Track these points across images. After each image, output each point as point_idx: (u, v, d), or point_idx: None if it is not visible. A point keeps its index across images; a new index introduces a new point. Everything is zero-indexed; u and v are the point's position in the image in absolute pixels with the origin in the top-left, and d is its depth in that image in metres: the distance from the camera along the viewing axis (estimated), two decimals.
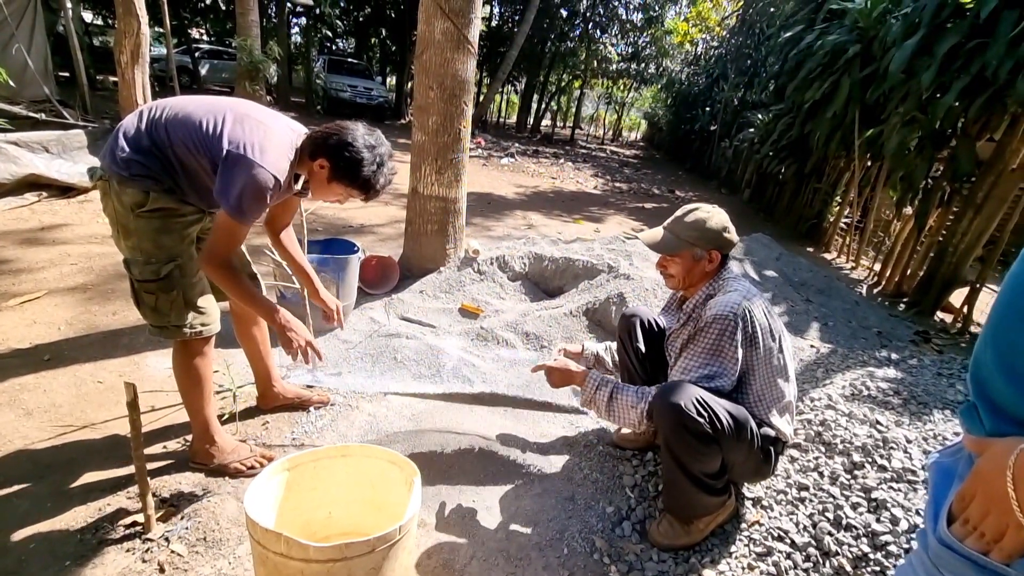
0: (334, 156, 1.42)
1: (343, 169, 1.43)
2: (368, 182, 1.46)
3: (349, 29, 18.05)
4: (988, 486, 0.57)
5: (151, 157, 1.37)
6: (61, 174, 4.15)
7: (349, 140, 1.42)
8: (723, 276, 1.56)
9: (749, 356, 1.45)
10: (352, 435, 1.91)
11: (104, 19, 14.45)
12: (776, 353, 1.48)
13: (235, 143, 1.33)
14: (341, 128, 1.44)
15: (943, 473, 0.69)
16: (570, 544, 1.51)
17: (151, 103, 1.45)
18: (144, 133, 1.37)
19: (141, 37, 4.35)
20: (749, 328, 1.43)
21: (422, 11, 2.85)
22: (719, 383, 1.42)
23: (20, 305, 2.51)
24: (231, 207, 1.33)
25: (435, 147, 3.05)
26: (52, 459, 1.65)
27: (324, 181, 1.47)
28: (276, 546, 1.02)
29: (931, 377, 2.24)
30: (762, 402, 1.48)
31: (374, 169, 1.45)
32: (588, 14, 16.79)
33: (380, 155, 1.47)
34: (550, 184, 8.89)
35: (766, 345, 1.45)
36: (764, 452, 1.47)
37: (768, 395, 1.48)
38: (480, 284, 3.24)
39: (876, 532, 1.41)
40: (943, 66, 3.58)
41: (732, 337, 1.41)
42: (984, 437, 0.61)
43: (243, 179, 1.32)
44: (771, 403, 1.48)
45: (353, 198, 1.52)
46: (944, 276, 3.97)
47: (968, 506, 0.60)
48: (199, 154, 1.37)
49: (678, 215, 1.57)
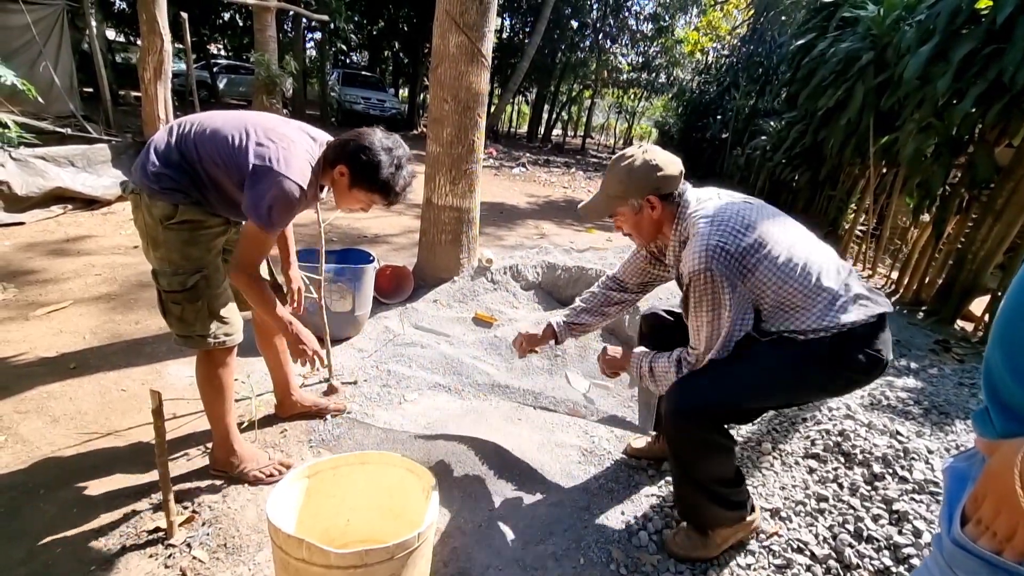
0: (352, 161, 1.45)
1: (362, 174, 1.45)
2: (387, 185, 1.47)
3: (363, 43, 18.39)
4: (998, 486, 0.59)
5: (180, 171, 1.41)
6: (86, 187, 4.27)
7: (366, 144, 1.44)
8: (686, 214, 1.38)
9: (750, 285, 1.29)
10: (368, 443, 1.92)
11: (126, 36, 14.89)
12: (772, 257, 1.27)
13: (261, 156, 1.37)
14: (358, 134, 1.47)
15: (957, 476, 0.69)
16: (586, 554, 1.51)
17: (180, 119, 1.49)
18: (174, 148, 1.42)
19: (164, 54, 4.48)
20: (727, 265, 1.25)
21: (437, 26, 2.91)
22: (737, 333, 1.30)
23: (47, 315, 2.58)
24: (259, 218, 1.37)
25: (449, 158, 3.09)
26: (78, 465, 1.69)
27: (345, 188, 1.49)
28: (298, 552, 1.03)
29: (952, 387, 2.20)
30: (796, 311, 1.29)
31: (392, 171, 1.47)
32: (598, 24, 16.92)
33: (398, 157, 1.48)
34: (562, 193, 8.92)
35: (757, 263, 1.27)
36: (831, 361, 1.27)
37: (797, 300, 1.28)
38: (493, 293, 3.26)
39: (898, 545, 1.38)
40: (959, 72, 3.54)
41: (718, 287, 1.26)
42: (996, 439, 0.62)
43: (270, 191, 1.36)
44: (805, 305, 1.28)
45: (376, 204, 1.54)
46: (964, 284, 3.90)
47: (980, 506, 0.61)
48: (227, 168, 1.41)
49: (608, 166, 1.46)
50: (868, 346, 1.28)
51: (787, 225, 1.37)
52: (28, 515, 1.49)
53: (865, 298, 1.30)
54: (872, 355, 1.28)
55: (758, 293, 1.30)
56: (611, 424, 2.16)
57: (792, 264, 1.28)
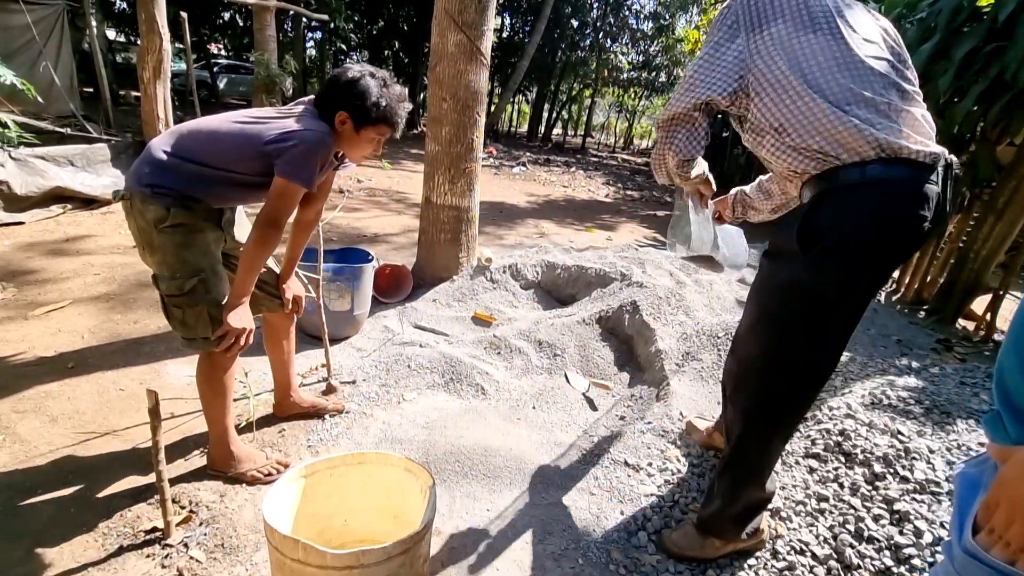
0: (346, 100, 1.46)
1: (360, 108, 1.47)
2: (388, 107, 1.49)
3: (363, 42, 18.37)
4: (1012, 493, 0.57)
5: (177, 177, 1.43)
6: (85, 187, 4.27)
7: (350, 77, 1.47)
8: None
9: (754, 45, 1.21)
10: (366, 443, 1.92)
11: (126, 36, 14.90)
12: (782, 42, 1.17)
13: (269, 137, 1.42)
14: (336, 75, 1.49)
15: (968, 483, 0.68)
16: (585, 554, 1.50)
17: (178, 126, 1.52)
18: (171, 153, 1.44)
19: (163, 54, 4.47)
20: (746, 4, 1.23)
21: (436, 24, 2.90)
22: (702, 82, 1.22)
23: (46, 314, 2.58)
24: (283, 171, 1.39)
25: (448, 157, 3.08)
26: (76, 465, 1.69)
27: (352, 134, 1.51)
28: (294, 552, 1.03)
29: (954, 386, 2.19)
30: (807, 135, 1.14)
31: (383, 91, 1.49)
32: (599, 24, 16.91)
33: (383, 77, 1.51)
34: (561, 192, 8.91)
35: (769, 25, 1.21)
36: (882, 202, 1.10)
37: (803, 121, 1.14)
38: (493, 292, 3.25)
39: (899, 545, 1.38)
40: (960, 70, 3.53)
41: (724, 22, 1.24)
42: (1009, 445, 0.60)
43: (292, 146, 1.39)
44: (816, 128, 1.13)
45: (383, 136, 1.55)
46: (965, 283, 3.89)
47: (993, 515, 0.59)
48: (235, 162, 1.44)
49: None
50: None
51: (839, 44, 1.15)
52: (26, 515, 1.49)
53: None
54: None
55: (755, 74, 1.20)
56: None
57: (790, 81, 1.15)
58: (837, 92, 1.12)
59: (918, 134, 1.12)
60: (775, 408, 1.28)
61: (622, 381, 2.55)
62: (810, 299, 1.16)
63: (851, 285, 1.14)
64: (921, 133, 1.13)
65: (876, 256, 1.11)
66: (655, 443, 1.96)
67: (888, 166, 1.09)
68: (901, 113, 1.12)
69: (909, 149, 1.08)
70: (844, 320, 1.18)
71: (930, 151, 1.09)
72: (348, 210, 5.39)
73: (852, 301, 1.16)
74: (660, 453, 1.92)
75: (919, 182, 1.09)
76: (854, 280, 1.14)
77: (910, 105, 1.15)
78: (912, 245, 1.13)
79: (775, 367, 1.24)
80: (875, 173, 1.09)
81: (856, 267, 1.12)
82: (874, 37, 1.19)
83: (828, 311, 1.16)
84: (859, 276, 1.13)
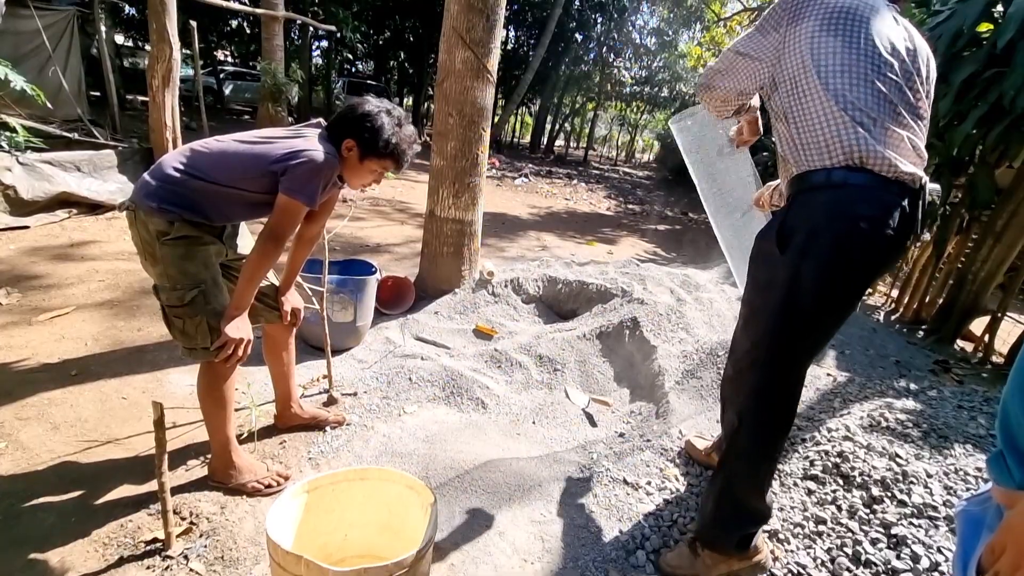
0: (357, 132, 1.50)
1: (370, 142, 1.51)
2: (397, 148, 1.53)
3: (369, 52, 18.58)
4: (1019, 540, 0.57)
5: (183, 192, 1.47)
6: (91, 192, 4.30)
7: (366, 110, 1.51)
8: None
9: (789, 37, 1.27)
10: (367, 456, 1.92)
11: (134, 41, 15.04)
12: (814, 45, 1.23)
13: (276, 155, 1.46)
14: (353, 105, 1.54)
15: (971, 522, 0.68)
16: (584, 573, 1.51)
17: (189, 144, 1.56)
18: (181, 170, 1.47)
19: (172, 62, 4.51)
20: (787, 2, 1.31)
21: (444, 41, 2.94)
22: (741, 63, 1.33)
23: (50, 320, 2.59)
24: (287, 188, 1.43)
25: (453, 171, 3.11)
26: (78, 474, 1.69)
27: (356, 162, 1.55)
28: (296, 568, 1.03)
29: (951, 409, 2.20)
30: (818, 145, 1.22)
31: (396, 129, 1.53)
32: (603, 38, 17.10)
33: (398, 117, 1.56)
34: (563, 205, 8.96)
35: (804, 19, 1.27)
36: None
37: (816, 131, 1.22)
38: (494, 306, 3.27)
39: (896, 569, 1.38)
40: (959, 94, 3.58)
41: (770, 16, 1.31)
42: (1014, 490, 0.60)
43: (297, 164, 1.43)
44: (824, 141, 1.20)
45: (386, 170, 1.60)
46: (964, 304, 3.91)
47: (998, 559, 0.59)
48: (242, 181, 1.48)
49: None
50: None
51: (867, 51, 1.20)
52: (27, 523, 1.49)
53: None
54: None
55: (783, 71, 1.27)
56: None
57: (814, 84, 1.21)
58: (835, 95, 1.19)
59: (897, 153, 1.17)
60: (768, 402, 1.33)
61: (622, 397, 2.56)
62: (791, 297, 1.23)
63: (823, 283, 1.20)
64: (902, 153, 1.18)
65: (842, 255, 1.17)
66: (654, 461, 1.97)
67: (851, 172, 1.17)
68: (887, 132, 1.18)
69: (878, 163, 1.15)
70: (825, 316, 1.25)
71: (903, 170, 1.15)
72: (351, 220, 5.42)
73: (829, 301, 1.23)
74: (659, 472, 1.92)
75: (878, 190, 1.16)
76: (826, 278, 1.19)
77: (900, 127, 1.20)
78: (879, 248, 1.18)
79: (766, 360, 1.30)
80: (838, 177, 1.18)
81: (825, 265, 1.18)
82: (894, 54, 1.22)
83: (807, 307, 1.22)
84: (830, 274, 1.19)
